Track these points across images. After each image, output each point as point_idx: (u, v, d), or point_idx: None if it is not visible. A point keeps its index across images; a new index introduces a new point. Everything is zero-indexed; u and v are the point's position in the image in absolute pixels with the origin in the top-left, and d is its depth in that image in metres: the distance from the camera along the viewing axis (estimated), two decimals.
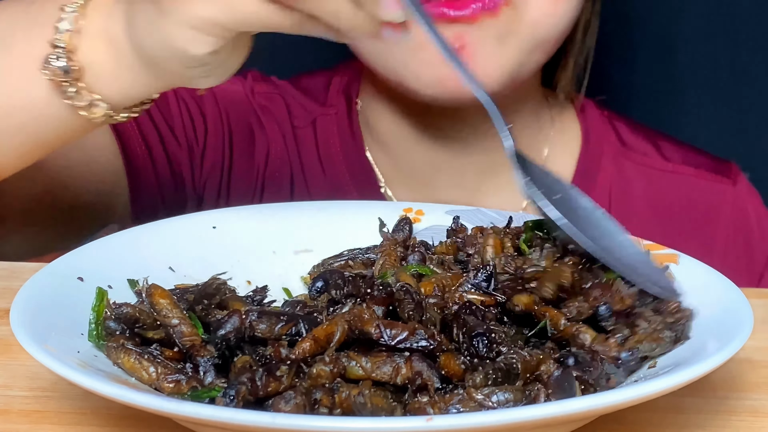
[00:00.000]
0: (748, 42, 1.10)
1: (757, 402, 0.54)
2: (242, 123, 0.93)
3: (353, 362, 0.47)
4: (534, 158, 0.92)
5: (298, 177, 0.93)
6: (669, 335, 0.52)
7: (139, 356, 0.49)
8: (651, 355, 0.51)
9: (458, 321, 0.50)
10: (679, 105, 1.13)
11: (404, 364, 0.47)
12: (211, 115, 0.91)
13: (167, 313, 0.51)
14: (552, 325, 0.52)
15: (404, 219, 0.68)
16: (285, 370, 0.46)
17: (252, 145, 0.92)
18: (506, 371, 0.47)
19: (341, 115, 0.94)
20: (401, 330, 0.48)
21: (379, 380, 0.47)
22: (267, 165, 0.92)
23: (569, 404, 0.41)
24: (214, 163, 0.91)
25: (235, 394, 0.44)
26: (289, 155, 0.93)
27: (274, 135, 0.93)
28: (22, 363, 0.55)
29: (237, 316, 0.49)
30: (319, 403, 0.44)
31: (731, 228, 0.94)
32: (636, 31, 1.10)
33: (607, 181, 0.93)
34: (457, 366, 0.47)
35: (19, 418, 0.50)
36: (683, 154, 0.97)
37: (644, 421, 0.51)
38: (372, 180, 0.92)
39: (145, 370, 0.48)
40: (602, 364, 0.49)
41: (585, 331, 0.51)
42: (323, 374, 0.46)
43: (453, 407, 0.45)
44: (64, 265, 0.57)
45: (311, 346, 0.48)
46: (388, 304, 0.51)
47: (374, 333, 0.48)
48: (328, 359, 0.47)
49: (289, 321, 0.50)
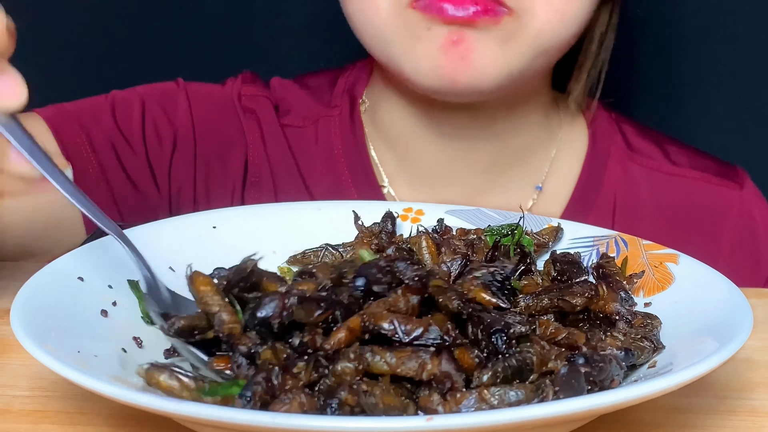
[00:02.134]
0: (756, 44, 1.10)
1: (757, 402, 0.54)
2: (219, 128, 0.92)
3: (378, 357, 0.46)
4: (541, 158, 0.93)
5: (291, 179, 0.93)
6: (648, 344, 0.52)
7: (174, 372, 0.47)
8: (636, 363, 0.52)
9: (473, 319, 0.50)
10: (686, 108, 1.13)
11: (430, 360, 0.46)
12: (182, 123, 0.90)
13: (208, 300, 0.50)
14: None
15: (387, 214, 0.68)
16: (302, 366, 0.46)
17: (228, 150, 0.92)
18: (518, 368, 0.47)
19: (344, 116, 0.94)
20: (416, 326, 0.48)
21: (404, 376, 0.46)
22: (246, 169, 0.92)
23: (569, 404, 0.41)
24: (185, 170, 0.90)
25: (251, 395, 0.44)
26: (270, 160, 0.92)
27: (254, 139, 0.92)
28: (22, 363, 0.55)
29: (278, 300, 0.48)
30: (345, 402, 0.44)
31: (737, 232, 0.94)
32: (643, 33, 1.10)
33: (613, 183, 0.93)
34: (471, 360, 0.47)
35: (19, 418, 0.50)
36: (690, 157, 0.96)
37: (644, 421, 0.51)
38: (373, 180, 0.92)
39: (185, 387, 0.47)
40: (610, 364, 0.49)
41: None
42: (348, 371, 0.46)
43: (464, 408, 0.45)
44: (64, 265, 0.57)
45: (346, 337, 0.47)
46: (423, 293, 0.51)
47: (388, 329, 0.48)
48: (353, 356, 0.46)
49: (327, 308, 0.49)
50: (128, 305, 0.57)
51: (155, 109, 0.90)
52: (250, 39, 1.13)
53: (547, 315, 0.54)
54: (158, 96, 0.91)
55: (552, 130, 0.94)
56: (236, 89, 0.94)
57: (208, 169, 0.91)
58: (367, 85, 0.95)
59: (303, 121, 0.94)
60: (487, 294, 0.52)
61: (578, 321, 0.55)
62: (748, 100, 1.11)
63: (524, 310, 0.53)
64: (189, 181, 0.90)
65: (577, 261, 0.61)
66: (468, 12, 0.77)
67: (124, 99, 0.90)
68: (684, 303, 0.57)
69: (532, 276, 0.58)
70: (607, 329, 0.54)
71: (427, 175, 0.92)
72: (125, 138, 0.88)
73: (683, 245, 0.64)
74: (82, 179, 0.85)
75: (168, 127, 0.90)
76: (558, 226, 0.67)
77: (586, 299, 0.54)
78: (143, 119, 0.89)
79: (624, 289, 0.59)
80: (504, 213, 0.70)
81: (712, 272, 0.58)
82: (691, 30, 1.11)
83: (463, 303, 0.50)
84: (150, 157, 0.89)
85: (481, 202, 0.87)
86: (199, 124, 0.91)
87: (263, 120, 0.93)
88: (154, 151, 0.89)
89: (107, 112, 0.88)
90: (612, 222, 0.92)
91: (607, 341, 0.52)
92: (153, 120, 0.89)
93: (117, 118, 0.88)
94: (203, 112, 0.92)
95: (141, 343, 0.54)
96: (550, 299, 0.54)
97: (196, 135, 0.91)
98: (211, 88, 0.95)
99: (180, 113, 0.90)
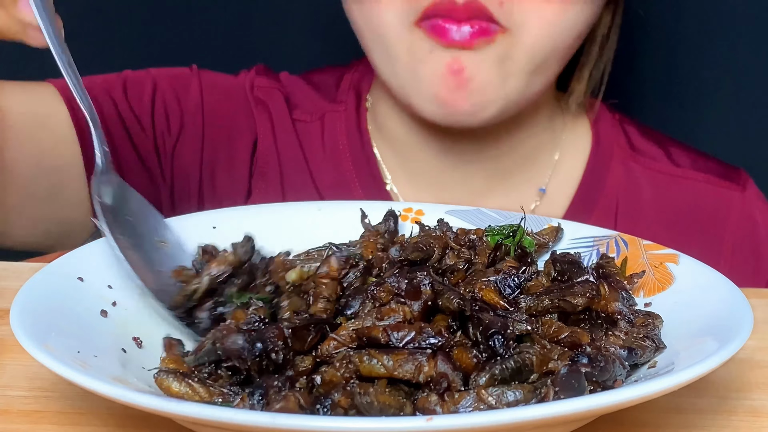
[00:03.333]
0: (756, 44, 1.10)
1: (757, 402, 0.54)
2: (228, 116, 0.93)
3: (375, 360, 0.47)
4: (545, 161, 0.93)
5: (298, 172, 0.93)
6: (650, 344, 0.52)
7: (187, 379, 0.48)
8: (638, 362, 0.52)
9: (473, 320, 0.50)
10: (686, 109, 1.13)
11: (427, 362, 0.46)
12: (192, 107, 0.91)
13: None
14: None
15: (389, 213, 0.68)
16: (304, 382, 0.46)
17: (236, 139, 0.92)
18: (517, 369, 0.47)
19: (350, 112, 0.94)
20: (408, 331, 0.48)
21: (401, 378, 0.46)
22: (253, 160, 0.92)
23: (569, 404, 0.41)
24: (191, 154, 0.91)
25: (263, 395, 0.44)
26: (279, 151, 0.93)
27: (264, 130, 0.93)
28: (22, 363, 0.55)
29: (275, 330, 0.49)
30: (337, 404, 0.44)
31: (739, 234, 0.94)
32: (643, 34, 1.10)
33: (616, 184, 0.93)
34: (469, 359, 0.47)
35: (19, 418, 0.50)
36: (692, 159, 0.96)
37: (644, 421, 0.51)
38: (377, 177, 0.92)
39: (196, 392, 0.47)
40: (614, 364, 0.49)
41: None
42: (335, 379, 0.46)
43: (462, 408, 0.45)
44: (64, 265, 0.57)
45: (336, 347, 0.49)
46: (428, 301, 0.51)
47: (382, 339, 0.48)
48: (338, 364, 0.47)
49: (317, 332, 0.49)
50: (128, 305, 0.57)
51: (166, 90, 0.90)
52: (253, 38, 1.14)
53: (549, 315, 0.54)
54: (171, 78, 0.91)
55: (556, 132, 0.94)
56: (249, 80, 0.94)
57: (214, 155, 0.92)
58: (371, 83, 0.95)
59: (309, 116, 0.94)
60: (497, 295, 0.53)
61: (579, 321, 0.55)
62: (749, 101, 1.11)
63: (526, 310, 0.53)
64: (195, 166, 0.91)
65: (578, 261, 0.61)
66: (465, 35, 0.78)
67: (136, 77, 0.91)
68: (684, 303, 0.56)
69: (537, 277, 0.58)
70: (609, 329, 0.54)
71: (429, 177, 0.92)
72: (135, 115, 0.88)
73: (685, 246, 0.64)
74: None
75: (177, 109, 0.90)
76: (558, 226, 0.67)
77: (588, 299, 0.54)
78: (153, 99, 0.89)
79: (625, 288, 0.59)
80: (504, 213, 0.70)
81: (712, 272, 0.58)
82: (692, 30, 1.11)
83: (464, 302, 0.50)
84: (157, 138, 0.89)
85: (484, 203, 0.87)
86: (208, 111, 0.92)
87: (275, 112, 0.93)
88: (161, 133, 0.89)
89: (119, 88, 0.89)
90: (614, 222, 0.92)
91: (610, 340, 0.52)
92: (163, 100, 0.90)
93: (128, 95, 0.89)
94: (214, 100, 0.92)
95: (141, 343, 0.54)
96: (551, 299, 0.54)
97: (204, 121, 0.91)
98: (224, 78, 0.95)
99: (191, 98, 0.91)
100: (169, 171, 0.90)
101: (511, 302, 0.53)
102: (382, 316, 0.50)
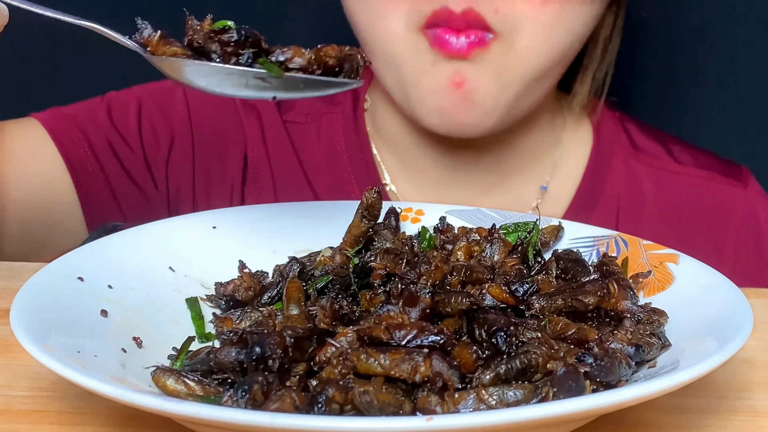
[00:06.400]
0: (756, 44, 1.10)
1: (757, 402, 0.54)
2: (217, 125, 0.92)
3: (372, 359, 0.47)
4: (546, 160, 0.93)
5: (293, 175, 0.93)
6: (656, 341, 0.52)
7: (182, 377, 0.48)
8: (644, 359, 0.52)
9: (477, 320, 0.50)
10: (687, 107, 1.13)
11: (423, 362, 0.46)
12: (179, 120, 0.91)
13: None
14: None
15: (390, 210, 0.68)
16: (295, 381, 0.46)
17: (227, 147, 0.92)
18: (522, 369, 0.47)
19: (347, 113, 0.94)
20: (410, 329, 0.48)
21: (398, 378, 0.46)
22: (245, 166, 0.92)
23: (568, 404, 0.41)
24: (184, 168, 0.91)
25: (247, 390, 0.44)
26: (270, 156, 0.92)
27: (254, 135, 0.92)
28: (22, 363, 0.55)
29: (276, 337, 0.48)
30: (332, 399, 0.44)
31: (741, 231, 0.94)
32: (644, 34, 1.10)
33: (617, 182, 0.93)
34: (469, 355, 0.47)
35: (19, 418, 0.50)
36: (694, 156, 0.96)
37: (644, 421, 0.51)
38: (375, 177, 0.92)
39: (191, 390, 0.48)
40: (620, 365, 0.49)
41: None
42: (332, 376, 0.46)
43: (463, 408, 0.45)
44: (64, 265, 0.57)
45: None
46: (428, 306, 0.51)
47: (384, 337, 0.48)
48: (335, 361, 0.47)
49: (320, 343, 0.49)
50: (128, 305, 0.57)
51: (151, 108, 0.90)
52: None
53: (561, 315, 0.54)
54: (155, 94, 0.91)
55: (557, 132, 0.94)
56: None
57: (207, 166, 0.91)
58: (369, 84, 0.95)
59: (305, 117, 0.94)
60: (503, 292, 0.53)
61: (586, 319, 0.55)
62: (750, 99, 1.11)
63: (540, 311, 0.53)
64: (188, 179, 0.91)
65: (581, 259, 0.61)
66: (462, 45, 0.78)
67: (119, 99, 0.90)
68: (684, 303, 0.56)
69: (546, 276, 0.58)
70: (616, 326, 0.54)
71: (430, 177, 0.92)
72: (122, 137, 0.88)
73: (687, 244, 0.64)
74: (83, 179, 0.85)
75: (165, 125, 0.90)
76: (559, 225, 0.67)
77: (599, 298, 0.54)
78: (139, 118, 0.89)
79: (631, 287, 0.59)
80: (504, 213, 0.70)
81: (712, 272, 0.58)
82: (692, 30, 1.11)
83: (469, 301, 0.50)
84: (147, 155, 0.89)
85: (485, 202, 0.87)
86: (196, 122, 0.91)
87: (264, 116, 0.93)
88: (151, 149, 0.89)
89: (103, 112, 0.89)
90: (616, 220, 0.92)
91: (617, 337, 0.52)
92: (149, 118, 0.90)
93: (113, 118, 0.88)
94: (201, 110, 0.92)
95: (141, 343, 0.54)
96: (563, 299, 0.53)
97: (194, 132, 0.91)
98: None
99: (177, 110, 0.91)
100: (163, 183, 0.90)
101: (521, 302, 0.53)
102: (381, 322, 0.50)
